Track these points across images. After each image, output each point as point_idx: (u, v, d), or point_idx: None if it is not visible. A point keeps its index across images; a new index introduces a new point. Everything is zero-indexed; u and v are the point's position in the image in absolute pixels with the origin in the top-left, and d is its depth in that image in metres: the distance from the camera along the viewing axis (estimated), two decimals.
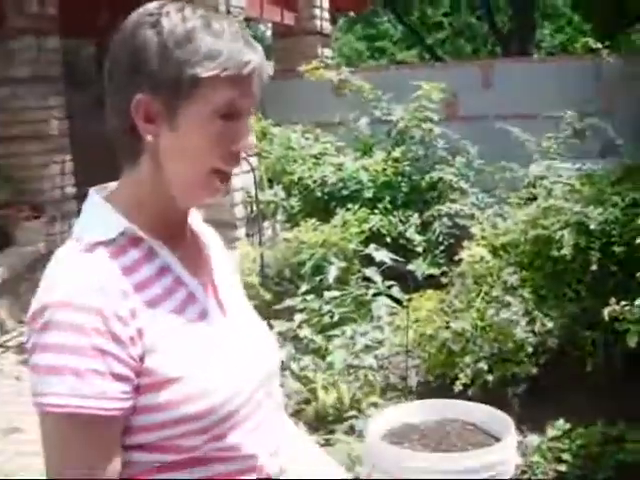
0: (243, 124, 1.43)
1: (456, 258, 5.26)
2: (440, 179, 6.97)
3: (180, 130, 1.38)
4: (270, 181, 7.50)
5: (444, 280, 5.32)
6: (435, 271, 6.17)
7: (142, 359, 1.35)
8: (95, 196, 1.47)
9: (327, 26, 11.05)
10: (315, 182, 7.16)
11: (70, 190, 8.35)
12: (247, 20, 8.68)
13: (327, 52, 10.75)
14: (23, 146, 8.02)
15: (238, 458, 1.44)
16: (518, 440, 4.03)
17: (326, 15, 10.95)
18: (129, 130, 1.40)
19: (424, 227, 6.88)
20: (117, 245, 1.39)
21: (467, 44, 25.47)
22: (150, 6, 1.42)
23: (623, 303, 3.90)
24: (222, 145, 1.41)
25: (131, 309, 1.34)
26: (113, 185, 1.50)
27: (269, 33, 10.23)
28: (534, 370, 4.67)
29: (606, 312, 3.94)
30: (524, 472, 3.98)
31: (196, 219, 1.60)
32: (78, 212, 1.45)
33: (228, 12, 7.35)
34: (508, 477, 2.21)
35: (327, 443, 4.10)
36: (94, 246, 1.37)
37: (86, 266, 1.35)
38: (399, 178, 7.17)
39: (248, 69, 1.39)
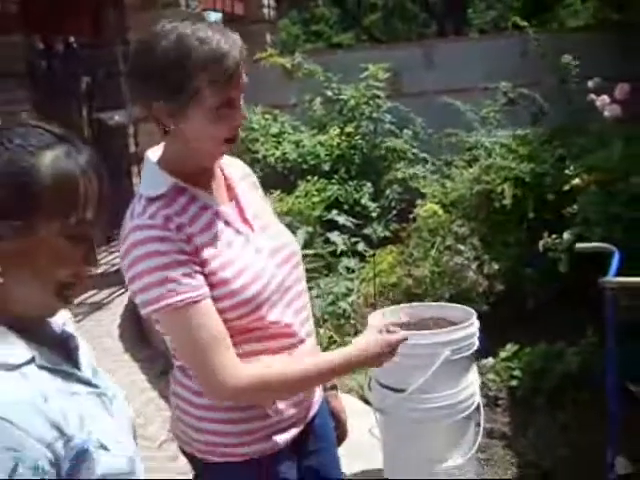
0: (239, 106, 1.99)
1: (411, 216, 5.97)
2: (389, 149, 7.68)
3: (195, 122, 1.94)
4: None
5: (403, 235, 6.02)
6: (389, 234, 6.88)
7: (202, 267, 1.96)
8: (149, 159, 2.09)
9: (274, 14, 11.65)
10: (277, 159, 7.79)
11: None
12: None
13: (274, 39, 11.34)
14: None
15: (282, 331, 2.10)
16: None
17: (272, 3, 11.55)
18: (154, 118, 1.98)
19: (378, 194, 7.56)
20: (168, 196, 2.01)
21: (401, 24, 25.97)
22: (158, 27, 1.94)
23: (554, 236, 4.66)
24: (225, 124, 1.97)
25: (188, 235, 1.97)
26: (158, 149, 2.11)
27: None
28: (485, 307, 5.39)
29: (541, 244, 4.69)
30: (481, 389, 4.69)
31: (226, 160, 2.21)
32: None
33: (187, 6, 7.96)
34: (471, 352, 2.98)
35: None
36: (153, 200, 1.99)
37: (150, 214, 1.96)
38: (352, 151, 7.82)
39: (231, 70, 1.88)
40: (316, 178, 7.36)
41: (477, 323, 3.07)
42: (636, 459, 3.63)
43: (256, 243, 2.10)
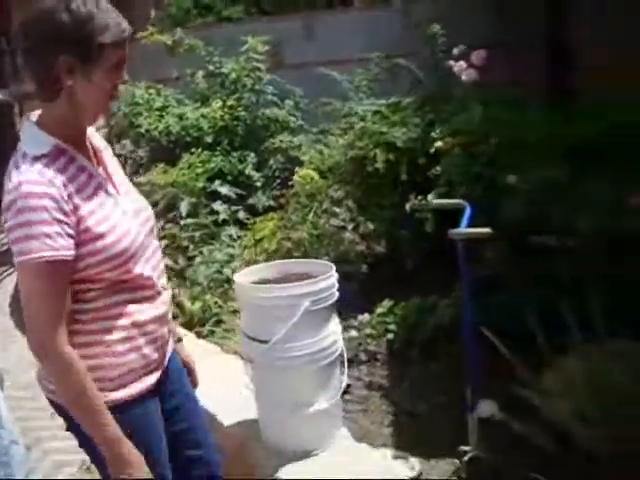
0: (124, 65, 2.27)
1: (290, 184, 6.16)
2: (271, 120, 7.84)
3: (93, 79, 2.20)
4: (118, 136, 8.18)
5: (281, 202, 6.20)
6: (273, 202, 7.08)
7: (78, 224, 2.18)
8: (31, 121, 2.29)
9: None
10: (160, 133, 7.89)
11: None
12: None
13: (159, 13, 11.34)
14: None
15: (144, 283, 2.35)
16: (353, 322, 5.05)
17: None
18: (52, 79, 2.19)
19: (262, 164, 7.73)
20: (51, 155, 2.21)
21: None
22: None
23: (420, 197, 4.89)
24: (113, 82, 2.25)
25: (68, 194, 2.18)
26: (37, 113, 2.31)
27: None
28: (364, 268, 5.61)
29: (408, 206, 4.92)
30: (360, 344, 4.93)
31: (90, 131, 2.44)
32: None
33: None
34: (331, 302, 3.23)
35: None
36: (38, 158, 2.18)
37: (38, 171, 2.15)
38: (235, 123, 7.94)
39: (126, 33, 2.23)
40: (200, 150, 7.48)
41: (335, 275, 3.30)
42: (501, 402, 3.85)
43: (122, 205, 2.34)
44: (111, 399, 2.28)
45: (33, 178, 2.13)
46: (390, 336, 4.96)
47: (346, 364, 3.45)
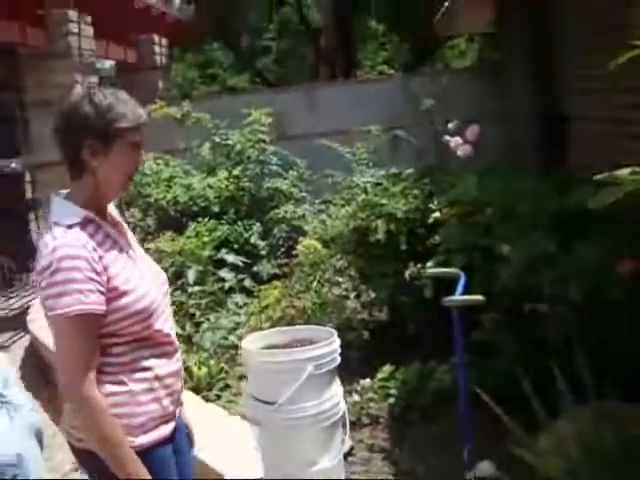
0: (141, 148, 2.60)
1: (294, 253, 6.38)
2: (276, 190, 8.12)
3: (113, 159, 2.51)
4: (127, 204, 8.44)
5: (286, 270, 6.41)
6: (277, 270, 7.32)
7: (107, 282, 2.44)
8: (58, 198, 2.58)
9: (166, 60, 12.03)
10: (168, 202, 8.17)
11: None
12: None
13: (167, 84, 11.72)
14: None
15: (164, 340, 2.62)
16: (356, 387, 5.21)
17: (165, 51, 11.94)
18: (79, 161, 2.51)
19: (266, 233, 7.98)
20: (82, 225, 2.49)
21: (293, 66, 26.47)
22: (82, 91, 2.56)
23: (419, 265, 5.10)
24: (133, 162, 2.58)
25: (99, 256, 2.46)
26: (64, 191, 2.61)
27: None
28: (366, 334, 5.78)
29: (407, 274, 5.13)
30: (362, 408, 5.09)
31: (110, 206, 2.73)
32: None
33: (80, 55, 8.33)
34: (333, 366, 3.43)
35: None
36: (70, 226, 2.46)
37: (71, 236, 2.43)
38: (241, 193, 8.26)
39: (142, 120, 2.57)
40: (206, 219, 7.73)
41: (338, 341, 3.51)
42: (498, 462, 3.99)
43: (140, 268, 2.63)
44: (133, 445, 2.49)
45: (67, 242, 2.41)
46: (391, 400, 5.12)
47: (348, 424, 3.63)
